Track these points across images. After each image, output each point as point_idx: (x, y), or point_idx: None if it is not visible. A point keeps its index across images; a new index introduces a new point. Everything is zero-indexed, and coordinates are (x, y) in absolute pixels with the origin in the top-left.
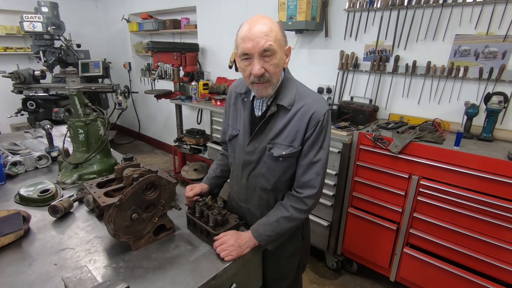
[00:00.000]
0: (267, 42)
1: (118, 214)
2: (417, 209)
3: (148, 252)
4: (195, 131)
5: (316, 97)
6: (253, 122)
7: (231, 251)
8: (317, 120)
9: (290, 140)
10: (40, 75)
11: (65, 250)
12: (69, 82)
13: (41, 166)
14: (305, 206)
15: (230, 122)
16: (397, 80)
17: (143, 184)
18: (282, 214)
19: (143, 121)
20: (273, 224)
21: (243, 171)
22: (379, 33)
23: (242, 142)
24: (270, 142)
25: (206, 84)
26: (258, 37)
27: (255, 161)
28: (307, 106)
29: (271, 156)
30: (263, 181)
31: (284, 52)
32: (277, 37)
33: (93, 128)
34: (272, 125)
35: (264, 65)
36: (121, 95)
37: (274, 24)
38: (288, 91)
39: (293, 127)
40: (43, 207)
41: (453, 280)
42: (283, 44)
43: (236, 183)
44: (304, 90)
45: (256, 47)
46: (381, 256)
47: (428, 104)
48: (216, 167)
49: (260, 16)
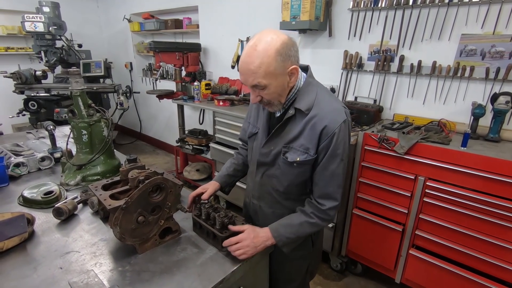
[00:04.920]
0: (254, 79)
1: (124, 217)
2: (423, 210)
3: (154, 255)
4: (197, 131)
5: (333, 106)
6: (272, 123)
7: (246, 250)
8: (331, 134)
9: (305, 147)
10: (41, 75)
11: (70, 253)
12: (73, 82)
13: (44, 167)
14: (328, 217)
15: (251, 120)
16: (402, 80)
17: (149, 186)
18: (306, 219)
19: (145, 121)
20: (295, 227)
21: (257, 169)
22: (384, 32)
23: (260, 141)
24: (285, 146)
25: (208, 84)
26: (246, 74)
27: (269, 163)
28: (319, 118)
29: (285, 161)
30: (276, 183)
31: (287, 74)
32: (268, 70)
33: (97, 129)
34: (289, 129)
35: (260, 93)
36: (122, 95)
37: (268, 54)
38: (307, 95)
39: (308, 134)
40: (47, 209)
41: (459, 281)
42: (281, 71)
43: (251, 179)
44: (323, 97)
45: (246, 82)
46: (387, 258)
47: (433, 104)
48: (230, 166)
49: (257, 40)
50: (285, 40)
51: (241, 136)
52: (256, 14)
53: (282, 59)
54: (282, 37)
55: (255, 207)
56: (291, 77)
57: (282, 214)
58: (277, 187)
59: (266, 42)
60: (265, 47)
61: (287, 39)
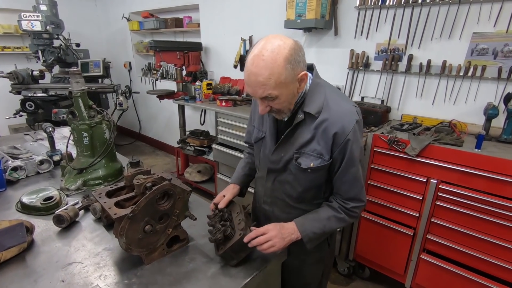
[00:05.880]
0: (264, 91)
1: (131, 226)
2: (435, 214)
3: (162, 266)
4: (199, 132)
5: (344, 108)
6: (279, 127)
7: (274, 242)
8: (345, 139)
9: (318, 152)
10: (38, 75)
11: (72, 264)
12: (73, 83)
13: (43, 171)
14: (355, 214)
15: (256, 124)
16: (410, 80)
17: (157, 193)
18: (334, 214)
19: (144, 121)
20: (323, 221)
21: (268, 175)
22: (392, 31)
23: (268, 147)
24: (297, 151)
25: (210, 84)
26: (254, 86)
27: (281, 169)
28: (330, 122)
29: (298, 167)
30: (289, 188)
31: (297, 81)
32: (278, 80)
33: (98, 131)
34: (299, 134)
35: (269, 104)
36: (122, 96)
37: (277, 63)
38: (315, 98)
39: (320, 139)
40: (47, 215)
41: (472, 286)
42: (291, 79)
43: (261, 185)
44: (332, 98)
45: (255, 94)
46: (396, 262)
47: (443, 105)
48: (244, 165)
49: (262, 48)
50: (293, 46)
51: (247, 139)
52: (259, 13)
53: (292, 66)
54: (289, 43)
55: (266, 212)
56: (301, 83)
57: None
58: (290, 192)
59: (273, 50)
60: (273, 56)
61: (294, 43)
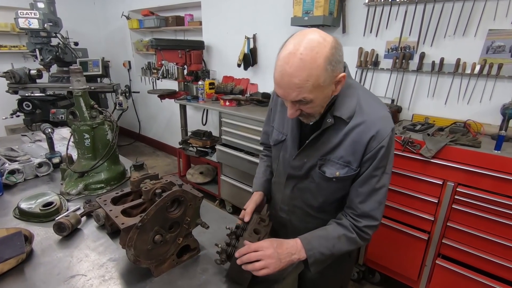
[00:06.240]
0: (299, 95)
1: (140, 237)
2: (451, 217)
3: (172, 278)
4: (201, 132)
5: (380, 113)
6: (303, 131)
7: (268, 263)
8: (378, 146)
9: (346, 160)
10: (36, 74)
11: (75, 277)
12: (74, 81)
13: (41, 174)
14: (366, 235)
15: (276, 125)
16: (422, 78)
17: (167, 200)
18: (345, 233)
19: (144, 121)
20: (332, 241)
21: (287, 181)
22: (403, 28)
23: (289, 151)
24: (321, 158)
25: (212, 83)
26: (288, 88)
27: (302, 176)
28: (366, 126)
29: (322, 175)
30: (310, 197)
31: (333, 84)
32: (317, 83)
33: (100, 133)
34: (326, 139)
35: (300, 107)
36: (121, 95)
37: (316, 64)
38: (347, 100)
39: (350, 145)
40: (47, 222)
41: None
42: (330, 81)
43: (278, 191)
44: (367, 102)
45: (287, 97)
46: (409, 267)
47: (456, 105)
48: (265, 169)
49: (298, 44)
50: (333, 44)
51: (263, 141)
52: (264, 10)
53: (332, 68)
54: (329, 40)
55: (283, 221)
56: (337, 86)
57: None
58: (311, 202)
59: (312, 48)
60: (312, 55)
61: (334, 41)
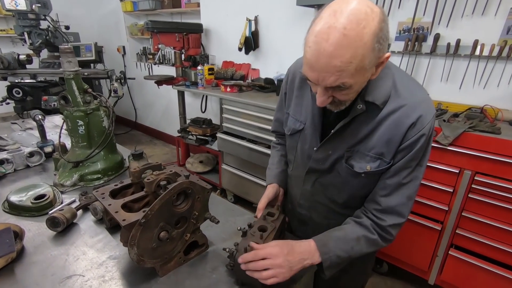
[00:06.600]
0: (338, 80)
1: (143, 234)
2: (467, 207)
3: (180, 278)
4: (201, 120)
5: (420, 95)
6: (326, 119)
7: (277, 272)
8: (419, 132)
9: (378, 151)
10: (25, 59)
11: (72, 277)
12: (64, 62)
13: (33, 164)
14: (390, 236)
15: (292, 111)
16: (436, 62)
17: (173, 193)
18: (365, 234)
19: (140, 109)
20: (350, 243)
21: (307, 175)
22: (417, 7)
23: (309, 141)
24: (349, 149)
25: (212, 68)
26: (326, 72)
27: (326, 170)
28: (404, 112)
29: (349, 170)
30: (334, 193)
31: (375, 66)
32: (361, 65)
33: (95, 119)
34: (356, 128)
35: (333, 94)
36: (116, 82)
37: (363, 41)
38: (380, 83)
39: (384, 134)
40: (39, 217)
41: (505, 284)
42: (374, 63)
43: (296, 185)
44: (404, 83)
45: (322, 82)
46: (420, 258)
47: (471, 89)
48: (279, 159)
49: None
50: (382, 16)
51: (275, 128)
52: None
53: (379, 47)
54: (376, 11)
55: (302, 217)
56: (378, 68)
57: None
58: (335, 197)
59: (358, 21)
60: (358, 30)
61: (382, 13)
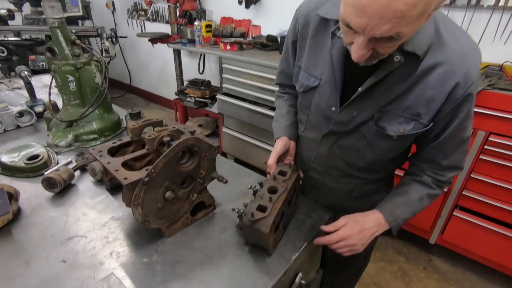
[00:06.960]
0: (394, 28)
1: (147, 194)
2: (476, 168)
3: (187, 238)
4: (199, 81)
5: (467, 44)
6: (350, 73)
7: (354, 249)
8: (464, 93)
9: (414, 111)
10: (7, 14)
11: (73, 239)
12: (47, 8)
13: (24, 125)
14: (449, 184)
15: (304, 65)
16: (454, 14)
17: (179, 150)
18: (428, 191)
19: (134, 72)
20: (414, 204)
21: (324, 137)
22: None
23: (326, 100)
24: (380, 110)
25: (209, 25)
26: (379, 18)
27: (348, 132)
28: (449, 67)
29: (380, 133)
30: (354, 157)
31: None
32: (424, 10)
33: (86, 74)
34: (388, 85)
35: (376, 46)
36: (107, 40)
37: None
38: (421, 29)
39: (424, 92)
40: (34, 178)
41: (507, 243)
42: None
43: (308, 148)
44: (447, 30)
45: (370, 31)
46: (422, 218)
47: (490, 45)
48: (288, 110)
49: None
50: None
51: (280, 81)
52: None
53: None
54: None
55: (313, 182)
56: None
57: (353, 189)
58: (355, 161)
59: None
60: None
61: None
